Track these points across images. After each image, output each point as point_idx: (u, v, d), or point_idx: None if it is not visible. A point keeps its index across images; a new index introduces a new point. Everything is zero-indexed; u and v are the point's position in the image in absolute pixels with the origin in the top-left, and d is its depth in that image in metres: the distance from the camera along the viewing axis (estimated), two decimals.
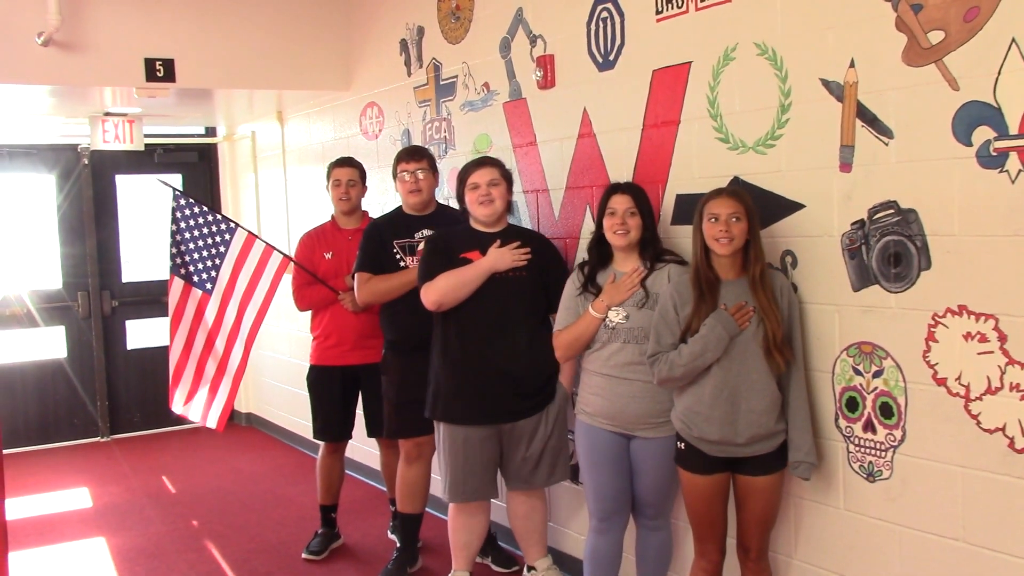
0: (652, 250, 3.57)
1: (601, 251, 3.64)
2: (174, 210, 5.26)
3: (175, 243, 5.26)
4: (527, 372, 3.91)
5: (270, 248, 5.06)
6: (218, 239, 5.17)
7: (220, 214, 5.34)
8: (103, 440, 7.97)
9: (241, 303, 5.08)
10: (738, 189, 3.30)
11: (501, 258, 3.90)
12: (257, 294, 5.03)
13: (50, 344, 7.87)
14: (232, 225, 5.21)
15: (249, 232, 5.18)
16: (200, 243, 5.20)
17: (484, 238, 3.97)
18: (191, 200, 5.29)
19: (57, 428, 7.88)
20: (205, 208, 5.28)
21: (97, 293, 7.94)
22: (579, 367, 3.87)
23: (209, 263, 5.19)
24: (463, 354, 3.93)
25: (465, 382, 3.93)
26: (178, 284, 5.27)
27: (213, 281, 5.18)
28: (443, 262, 3.92)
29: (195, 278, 5.23)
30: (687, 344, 3.18)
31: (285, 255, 5.03)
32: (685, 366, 3.17)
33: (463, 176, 3.99)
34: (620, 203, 3.53)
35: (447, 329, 3.96)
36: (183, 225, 5.24)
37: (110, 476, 6.87)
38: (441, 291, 3.88)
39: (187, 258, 5.24)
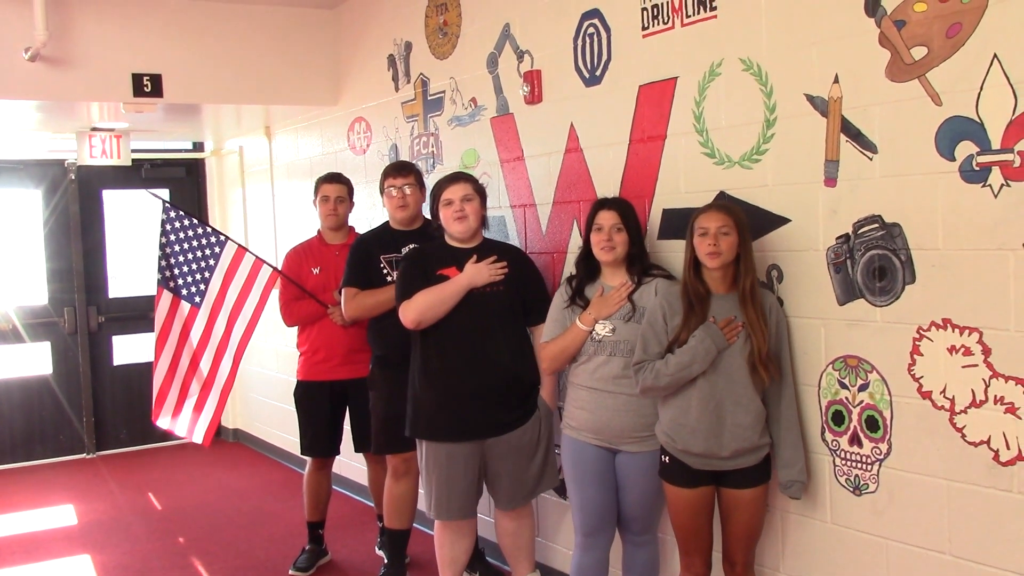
0: (640, 265, 3.57)
1: (589, 265, 3.65)
2: (164, 222, 5.24)
3: (164, 256, 5.24)
4: (508, 386, 3.90)
5: (260, 261, 5.05)
6: (207, 252, 5.16)
7: (210, 226, 5.33)
8: (89, 457, 7.92)
9: (230, 317, 5.06)
10: (729, 204, 3.31)
11: (478, 273, 3.89)
12: (246, 308, 5.01)
13: (36, 360, 7.82)
14: (222, 238, 5.19)
15: (239, 245, 5.17)
16: (189, 256, 5.18)
17: (460, 254, 3.96)
18: (181, 212, 5.27)
19: (42, 444, 7.83)
20: (195, 220, 5.26)
21: (83, 309, 7.90)
22: (563, 381, 3.86)
23: (198, 276, 5.17)
24: (444, 370, 3.91)
25: (447, 398, 3.92)
26: (166, 297, 5.24)
27: (202, 294, 5.16)
28: (420, 280, 3.91)
29: (183, 291, 5.21)
30: (674, 354, 3.19)
31: (275, 268, 5.03)
32: (671, 376, 3.17)
33: (436, 192, 3.99)
34: (607, 219, 3.54)
35: (426, 346, 3.95)
36: (172, 238, 5.22)
37: (96, 493, 6.82)
38: (420, 309, 3.87)
39: (176, 271, 5.22)
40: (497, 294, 3.90)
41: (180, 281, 5.21)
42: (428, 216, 4.74)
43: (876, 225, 2.96)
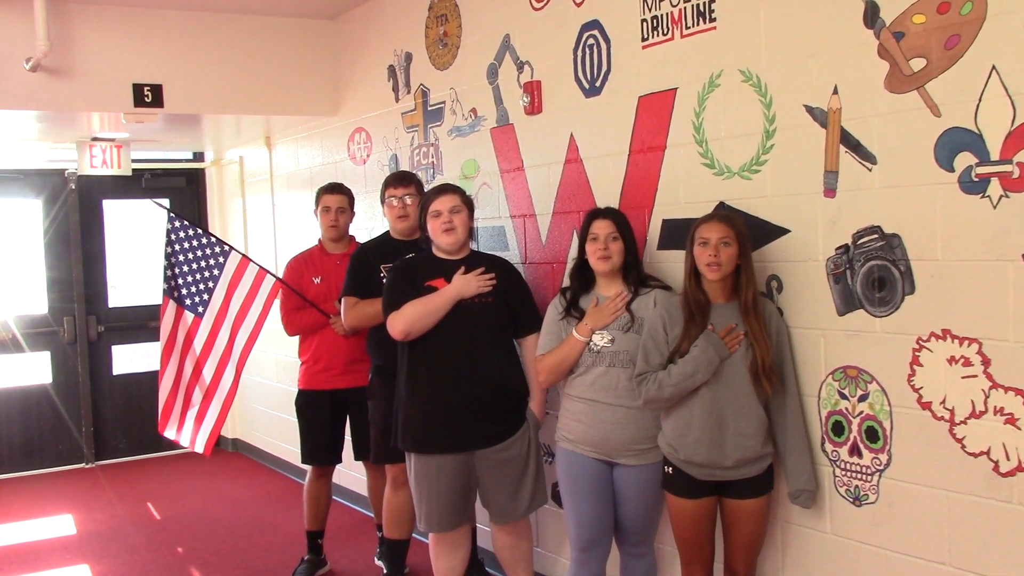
0: (635, 274, 3.57)
1: (584, 276, 3.63)
2: (169, 232, 5.24)
3: (169, 265, 5.24)
4: (496, 397, 3.88)
5: (263, 272, 5.05)
6: (211, 262, 5.16)
7: (215, 236, 5.33)
8: (88, 466, 7.91)
9: (233, 326, 5.06)
10: (730, 214, 3.31)
11: (467, 285, 3.88)
12: (249, 318, 5.02)
13: (35, 369, 7.81)
14: (226, 248, 5.19)
15: (243, 255, 5.17)
16: (194, 266, 5.19)
17: (448, 265, 3.95)
18: (186, 223, 5.27)
19: (41, 454, 7.82)
20: (200, 231, 5.26)
21: (83, 318, 7.90)
22: (555, 393, 3.84)
23: (202, 286, 5.17)
24: (431, 382, 3.88)
25: (435, 410, 3.88)
26: (172, 307, 5.24)
27: (205, 304, 5.16)
28: (408, 291, 3.90)
29: (187, 301, 5.21)
30: (676, 365, 3.19)
31: (278, 279, 5.03)
32: (675, 386, 3.17)
33: (424, 204, 3.98)
34: (602, 228, 3.53)
35: (414, 357, 3.92)
36: (177, 247, 5.22)
37: (95, 503, 6.81)
38: (408, 320, 3.85)
39: (180, 281, 5.22)
40: (485, 305, 3.89)
41: (184, 291, 5.21)
42: None
43: (875, 236, 2.96)
